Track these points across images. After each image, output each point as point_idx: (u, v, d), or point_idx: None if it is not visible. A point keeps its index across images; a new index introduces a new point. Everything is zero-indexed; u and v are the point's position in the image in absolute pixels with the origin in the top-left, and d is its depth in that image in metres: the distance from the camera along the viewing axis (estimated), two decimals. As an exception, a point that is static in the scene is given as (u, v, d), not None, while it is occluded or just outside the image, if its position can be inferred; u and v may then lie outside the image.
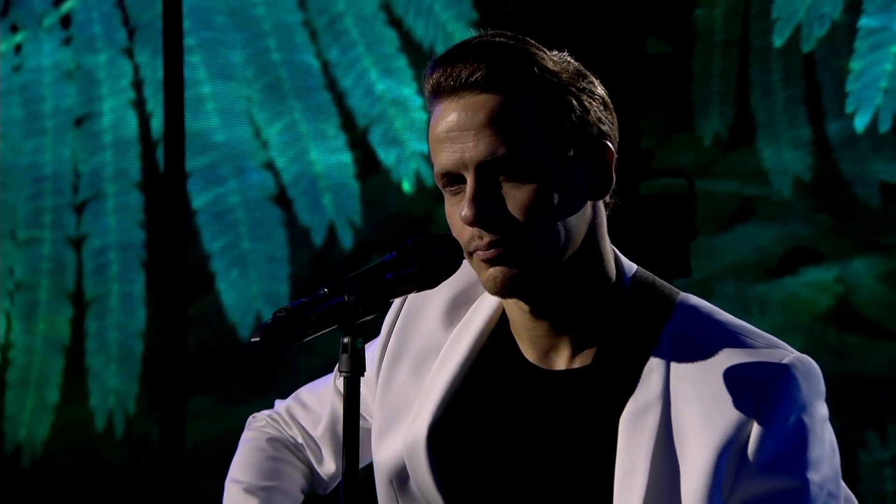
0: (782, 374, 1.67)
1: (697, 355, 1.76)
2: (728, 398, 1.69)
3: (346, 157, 6.33)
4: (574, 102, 1.65)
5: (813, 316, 6.26)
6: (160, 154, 6.09)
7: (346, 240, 6.26)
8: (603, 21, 6.00)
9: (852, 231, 6.37)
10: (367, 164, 6.32)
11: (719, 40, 6.25)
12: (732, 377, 1.72)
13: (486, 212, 1.59)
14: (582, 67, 1.74)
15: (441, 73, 1.63)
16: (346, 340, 1.46)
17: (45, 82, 6.57)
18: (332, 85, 6.29)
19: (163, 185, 6.06)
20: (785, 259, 6.25)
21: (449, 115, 1.63)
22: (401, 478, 1.85)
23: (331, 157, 6.39)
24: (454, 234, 1.66)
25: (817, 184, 6.17)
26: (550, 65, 1.66)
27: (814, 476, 1.64)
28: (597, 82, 1.75)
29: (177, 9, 5.65)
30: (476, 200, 1.60)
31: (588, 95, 1.69)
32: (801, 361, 1.68)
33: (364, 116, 6.30)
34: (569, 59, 1.73)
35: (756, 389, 1.68)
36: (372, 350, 1.93)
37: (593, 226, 1.70)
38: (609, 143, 1.70)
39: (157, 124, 6.24)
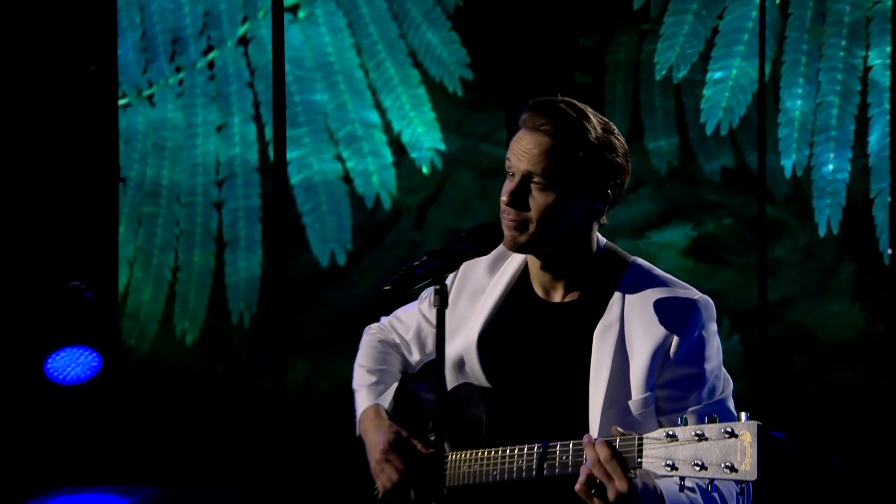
0: (691, 306, 1.78)
1: (641, 294, 1.83)
2: (658, 320, 1.79)
3: (386, 151, 6.37)
4: (595, 161, 1.72)
5: (678, 251, 6.46)
6: (271, 150, 6.05)
7: (387, 204, 6.37)
8: (547, 61, 6.16)
9: (703, 198, 6.45)
10: (400, 154, 6.34)
11: (621, 75, 6.33)
12: (661, 307, 1.80)
13: (516, 201, 1.74)
14: (615, 141, 1.75)
15: (529, 114, 1.77)
16: (437, 287, 1.64)
17: (197, 104, 6.39)
18: (378, 105, 6.35)
19: (273, 169, 5.98)
20: (661, 216, 6.47)
21: (523, 138, 1.76)
22: (460, 365, 1.96)
23: (376, 151, 6.41)
24: (501, 201, 1.79)
25: (682, 167, 6.33)
26: (591, 135, 1.73)
27: (707, 366, 1.76)
28: (620, 153, 1.76)
29: (281, 57, 5.51)
30: (512, 193, 1.74)
31: (605, 160, 1.74)
32: (703, 298, 1.82)
33: (398, 124, 6.35)
34: (610, 133, 1.76)
35: (676, 315, 1.78)
36: None
37: (585, 228, 1.78)
38: (610, 192, 1.76)
39: (268, 130, 6.24)
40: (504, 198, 1.77)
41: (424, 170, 6.39)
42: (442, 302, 1.64)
